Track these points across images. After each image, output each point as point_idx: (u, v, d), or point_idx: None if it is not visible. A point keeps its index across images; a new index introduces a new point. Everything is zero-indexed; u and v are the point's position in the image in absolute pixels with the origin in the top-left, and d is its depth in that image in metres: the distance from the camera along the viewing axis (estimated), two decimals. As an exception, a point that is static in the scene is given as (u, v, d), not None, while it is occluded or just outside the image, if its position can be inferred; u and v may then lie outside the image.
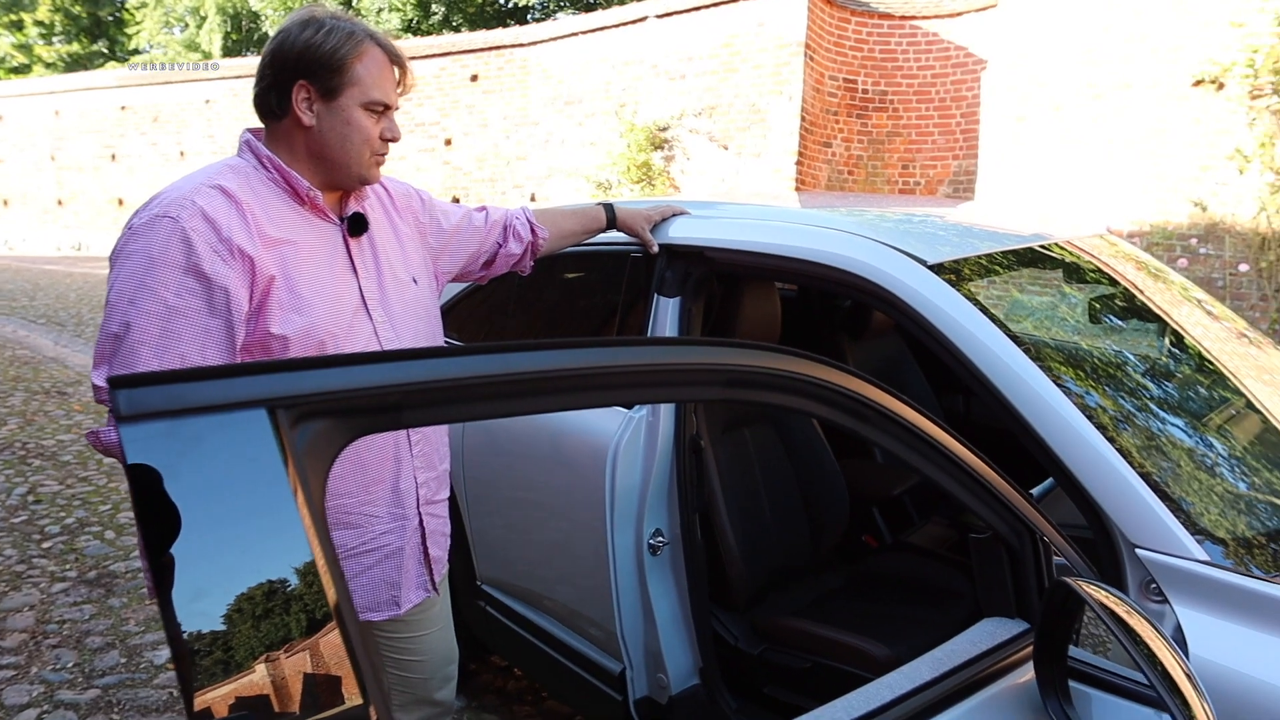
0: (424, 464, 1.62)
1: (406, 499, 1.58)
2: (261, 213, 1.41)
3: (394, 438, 1.54)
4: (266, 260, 1.38)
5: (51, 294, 11.45)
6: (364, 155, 1.48)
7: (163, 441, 0.51)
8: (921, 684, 0.99)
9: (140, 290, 1.30)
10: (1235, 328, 2.27)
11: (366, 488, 1.52)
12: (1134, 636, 0.91)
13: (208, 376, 0.53)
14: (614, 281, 2.24)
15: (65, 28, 27.44)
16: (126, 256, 1.33)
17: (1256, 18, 6.18)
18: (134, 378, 0.51)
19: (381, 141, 1.51)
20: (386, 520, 1.55)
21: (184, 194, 1.36)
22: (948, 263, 1.69)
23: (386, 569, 1.57)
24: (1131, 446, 1.44)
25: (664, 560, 1.98)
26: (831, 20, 8.83)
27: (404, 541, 1.59)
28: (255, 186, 1.44)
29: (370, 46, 1.46)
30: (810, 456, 2.41)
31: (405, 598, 1.61)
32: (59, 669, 2.80)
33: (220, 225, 1.33)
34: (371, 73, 1.46)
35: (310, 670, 0.57)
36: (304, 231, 1.46)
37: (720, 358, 0.75)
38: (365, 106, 1.46)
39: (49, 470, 4.71)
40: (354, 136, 1.46)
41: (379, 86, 1.47)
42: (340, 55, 1.43)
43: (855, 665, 1.91)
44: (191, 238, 1.31)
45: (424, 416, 0.62)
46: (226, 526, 0.53)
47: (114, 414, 0.50)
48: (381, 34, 1.51)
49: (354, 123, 1.46)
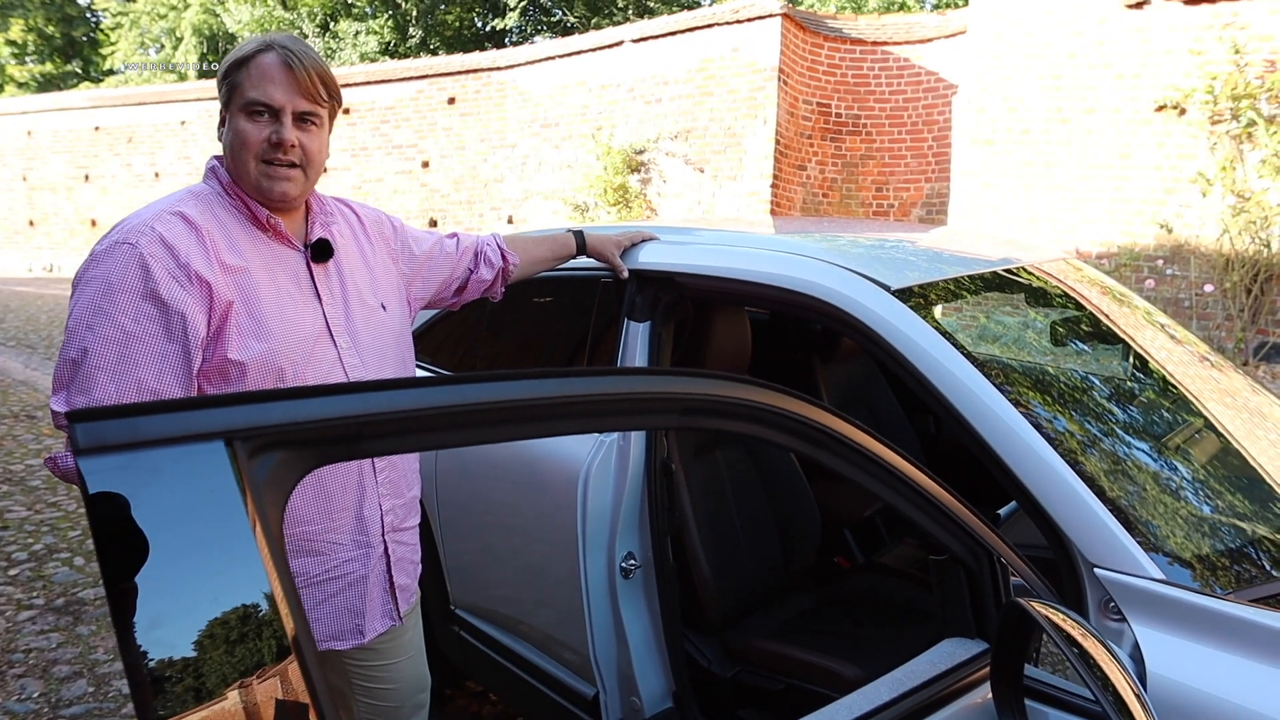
0: (389, 491, 1.61)
1: (371, 526, 1.56)
2: (222, 239, 1.41)
3: (358, 465, 1.53)
4: (225, 286, 1.38)
5: (22, 316, 11.31)
6: (249, 163, 1.43)
7: (121, 474, 0.52)
8: (880, 705, 1.01)
9: (98, 316, 1.30)
10: (1197, 351, 2.33)
11: (330, 515, 1.51)
12: (1085, 656, 0.93)
13: (165, 410, 0.54)
14: (585, 307, 2.26)
15: (38, 48, 27.27)
16: (86, 283, 1.33)
17: (1214, 46, 6.35)
18: (92, 411, 0.52)
19: (270, 146, 1.43)
20: (350, 548, 1.54)
21: (144, 220, 1.37)
22: (914, 287, 1.73)
23: (350, 597, 1.56)
24: (1091, 468, 1.47)
25: (636, 583, 1.98)
26: (805, 46, 8.97)
27: (368, 570, 1.57)
28: (217, 213, 1.44)
29: (263, 54, 1.43)
30: (782, 479, 2.43)
31: (369, 626, 1.59)
32: (24, 699, 2.76)
33: (179, 251, 1.34)
34: (251, 75, 1.42)
35: (269, 700, 0.57)
36: (265, 258, 1.46)
37: (676, 387, 0.76)
38: (245, 111, 1.43)
39: (17, 495, 4.64)
40: (236, 143, 1.43)
41: (257, 87, 1.42)
42: (231, 64, 1.43)
43: (827, 686, 1.92)
44: (149, 264, 1.32)
45: (383, 446, 0.64)
46: (185, 557, 0.54)
47: (72, 446, 0.51)
48: (289, 39, 1.47)
49: (236, 129, 1.43)
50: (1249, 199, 6.34)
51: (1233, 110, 6.32)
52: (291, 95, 1.43)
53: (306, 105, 1.45)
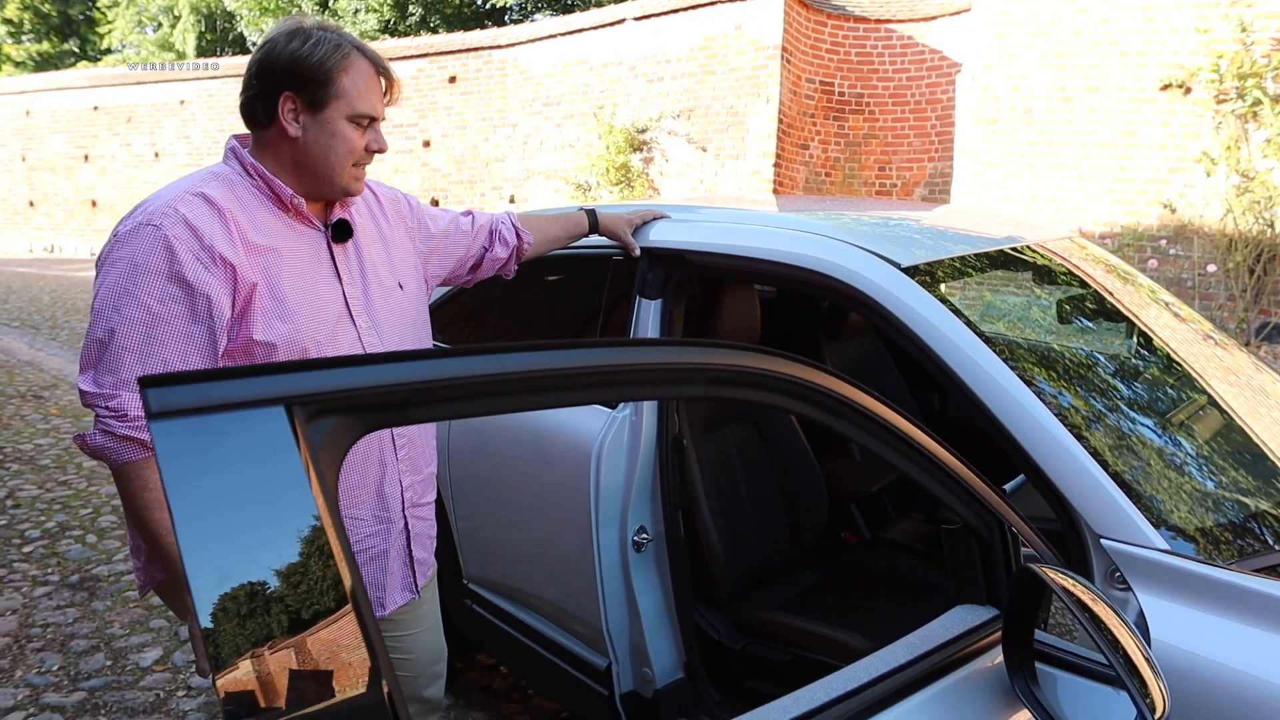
0: (409, 467, 1.64)
1: (391, 502, 1.60)
2: (245, 220, 1.42)
3: (378, 442, 1.56)
4: (249, 267, 1.39)
5: (25, 297, 11.32)
6: (347, 167, 1.49)
7: (189, 436, 0.55)
8: (896, 666, 1.04)
9: (124, 298, 1.32)
10: (1200, 329, 2.35)
11: (351, 491, 1.54)
12: (1095, 620, 0.97)
13: (230, 376, 0.57)
14: (596, 284, 2.28)
15: (35, 26, 27.10)
16: (111, 264, 1.35)
17: (1221, 24, 6.33)
18: (162, 377, 0.55)
19: (366, 153, 1.51)
20: (371, 523, 1.58)
21: (167, 202, 1.38)
22: (921, 265, 1.75)
23: (370, 571, 1.60)
24: (1097, 443, 1.50)
25: (648, 557, 2.02)
26: (808, 24, 8.92)
27: (389, 544, 1.61)
28: (239, 194, 1.45)
29: (357, 59, 1.47)
30: (790, 455, 2.46)
31: (390, 599, 1.64)
32: (44, 672, 2.80)
33: (202, 233, 1.35)
34: (358, 85, 1.46)
35: (329, 652, 0.60)
36: (288, 238, 1.47)
37: (705, 358, 0.79)
38: (351, 119, 1.47)
39: (28, 474, 4.68)
40: (339, 148, 1.47)
41: (365, 99, 1.47)
42: (327, 68, 1.43)
43: (835, 657, 1.96)
44: (174, 245, 1.33)
45: (429, 413, 0.66)
46: (250, 515, 0.57)
47: (145, 410, 0.54)
48: (368, 46, 1.52)
49: (339, 135, 1.46)
50: (1253, 179, 6.34)
51: (1238, 89, 6.31)
52: (380, 105, 1.52)
53: (385, 112, 1.54)
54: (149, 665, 2.86)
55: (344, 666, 0.60)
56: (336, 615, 0.60)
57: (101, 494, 4.44)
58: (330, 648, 0.61)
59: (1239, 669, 1.18)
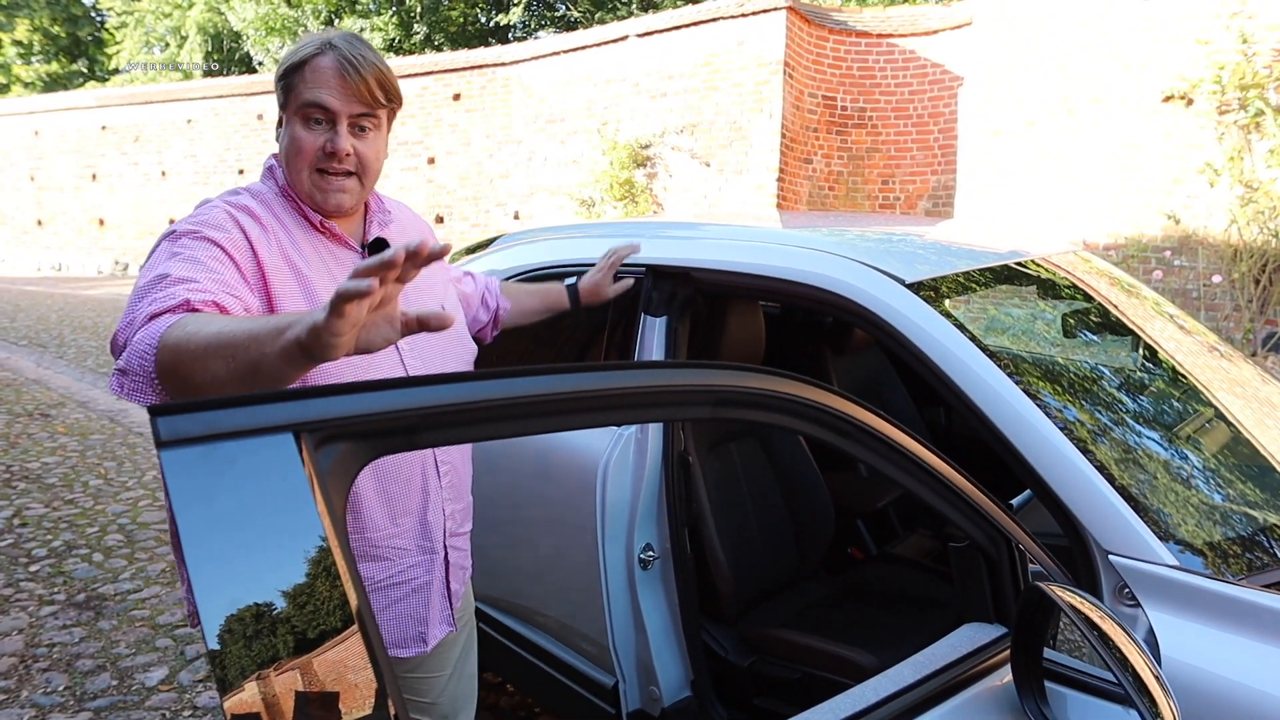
0: (452, 495, 1.57)
1: (434, 531, 1.52)
2: (285, 237, 1.38)
3: (422, 469, 1.49)
4: (283, 283, 1.34)
5: (32, 315, 11.38)
6: (304, 171, 1.38)
7: (199, 464, 0.56)
8: (905, 686, 1.04)
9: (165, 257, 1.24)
10: (1206, 341, 2.35)
11: (394, 519, 1.46)
12: (1104, 638, 0.96)
13: (239, 404, 0.58)
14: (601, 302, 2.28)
15: (44, 47, 27.35)
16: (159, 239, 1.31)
17: (1222, 36, 6.35)
18: (172, 406, 0.56)
19: (324, 155, 1.37)
20: (415, 554, 1.50)
21: (212, 207, 1.35)
22: (926, 281, 1.75)
23: (414, 604, 1.52)
24: (1104, 457, 1.49)
25: (654, 574, 2.01)
26: (810, 39, 8.97)
27: (431, 575, 1.53)
28: (277, 212, 1.41)
29: (319, 53, 1.36)
30: (795, 471, 2.46)
31: (431, 634, 1.55)
32: (50, 692, 2.80)
33: (244, 229, 1.32)
34: (306, 78, 1.35)
35: (334, 675, 0.60)
36: (325, 260, 1.43)
37: (711, 379, 0.79)
38: (300, 116, 1.36)
39: (34, 493, 4.70)
40: (290, 149, 1.38)
41: (312, 91, 1.35)
42: (286, 67, 1.37)
43: (844, 674, 1.95)
44: (223, 223, 1.30)
45: (437, 438, 0.67)
46: (259, 541, 0.57)
47: (155, 440, 0.54)
48: (346, 38, 1.39)
49: (292, 135, 1.38)
50: (1257, 189, 6.34)
51: (1240, 100, 6.32)
52: (348, 101, 1.37)
53: (361, 109, 1.39)
54: (155, 685, 2.86)
55: (350, 688, 0.61)
56: (343, 636, 0.60)
57: (108, 513, 4.44)
58: (337, 669, 0.61)
59: (1250, 686, 1.18)
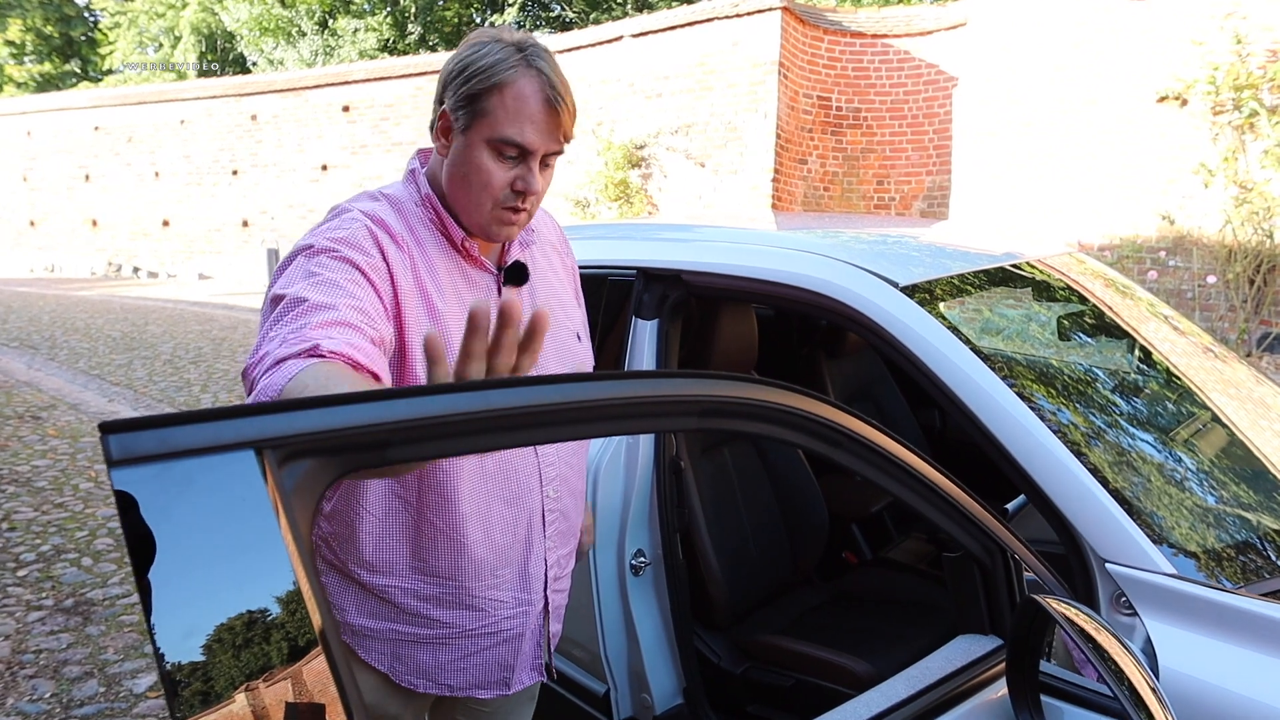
0: (557, 543, 1.46)
1: (534, 583, 1.43)
2: (420, 258, 1.28)
3: (527, 519, 1.39)
4: (408, 299, 1.25)
5: (24, 316, 11.32)
6: (483, 203, 1.26)
7: (155, 483, 0.53)
8: (898, 702, 1.01)
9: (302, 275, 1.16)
10: (1201, 343, 2.33)
11: (492, 572, 1.37)
12: (1100, 651, 0.94)
13: (196, 420, 0.55)
14: (592, 304, 2.26)
15: (37, 47, 27.26)
16: (287, 259, 1.23)
17: (1216, 36, 6.34)
18: (125, 423, 0.53)
19: (513, 192, 1.26)
20: (511, 605, 1.41)
21: (347, 218, 1.26)
22: (920, 284, 1.73)
23: (502, 653, 1.43)
24: (1101, 463, 1.47)
25: (646, 580, 1.99)
26: (805, 39, 8.95)
27: (525, 627, 1.44)
28: (412, 224, 1.30)
29: (520, 76, 1.22)
30: (789, 475, 2.44)
31: (517, 679, 1.47)
32: (36, 699, 2.77)
33: (380, 245, 1.23)
34: (507, 106, 1.22)
35: (295, 697, 0.58)
36: (458, 283, 1.32)
37: (697, 389, 0.77)
38: (492, 145, 1.23)
39: (24, 496, 4.66)
40: (473, 180, 1.25)
41: (513, 123, 1.22)
42: (478, 80, 1.22)
43: (837, 682, 1.93)
44: (360, 241, 1.21)
45: (410, 453, 0.64)
46: (218, 565, 0.55)
47: (105, 458, 0.52)
48: (541, 54, 1.26)
49: (475, 164, 1.24)
50: (1251, 190, 6.34)
51: (1235, 100, 6.32)
52: (548, 140, 1.26)
53: (557, 147, 1.28)
54: (142, 692, 2.83)
55: (313, 710, 0.58)
56: (308, 659, 0.58)
57: (98, 516, 4.41)
58: (300, 695, 0.58)
59: (1248, 696, 1.16)
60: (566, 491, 1.47)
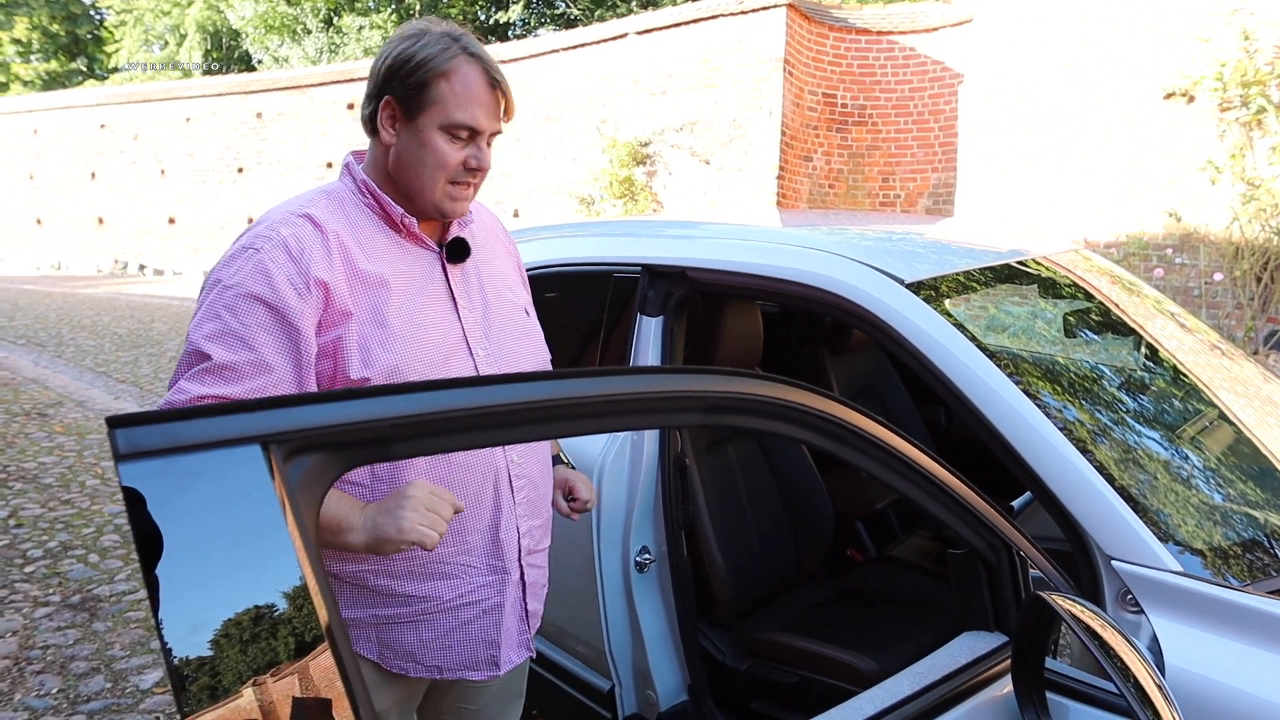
0: (528, 511, 1.47)
1: (507, 550, 1.44)
2: (353, 242, 1.33)
3: (494, 483, 1.42)
4: (346, 294, 1.30)
5: (31, 314, 11.35)
6: (439, 183, 1.36)
7: (162, 478, 0.53)
8: (903, 698, 1.01)
9: (216, 322, 1.25)
10: (1208, 340, 2.32)
11: (461, 536, 1.39)
12: (1106, 648, 0.94)
13: (204, 415, 0.55)
14: (597, 302, 2.26)
15: (43, 46, 27.32)
16: (209, 287, 1.29)
17: (1223, 33, 6.31)
18: (132, 417, 0.53)
19: (465, 170, 1.36)
20: (484, 572, 1.42)
21: (271, 224, 1.31)
22: (925, 280, 1.73)
23: (484, 626, 1.44)
24: (1107, 460, 1.47)
25: (651, 577, 1.99)
26: (810, 36, 8.93)
27: (504, 597, 1.44)
28: (350, 213, 1.37)
29: (462, 63, 1.33)
30: (794, 472, 2.43)
31: (504, 657, 1.47)
32: (43, 695, 2.78)
33: (300, 255, 1.28)
34: (456, 91, 1.32)
35: (305, 692, 0.58)
36: (399, 262, 1.38)
37: (701, 385, 0.77)
38: (445, 129, 1.33)
39: (30, 493, 4.67)
40: (427, 160, 1.34)
41: (463, 107, 1.33)
42: (423, 71, 1.32)
43: (842, 679, 1.93)
44: (270, 270, 1.26)
45: (414, 448, 0.64)
46: (225, 558, 0.55)
47: (113, 453, 0.52)
48: (485, 52, 1.37)
49: (429, 145, 1.34)
50: (1259, 186, 6.31)
51: (1242, 97, 6.29)
52: (493, 119, 1.37)
53: (500, 125, 1.39)
54: (149, 688, 2.84)
55: (322, 706, 0.58)
56: (315, 653, 0.58)
57: (105, 513, 4.42)
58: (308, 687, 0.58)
59: (1254, 694, 1.15)
60: (532, 458, 1.49)
